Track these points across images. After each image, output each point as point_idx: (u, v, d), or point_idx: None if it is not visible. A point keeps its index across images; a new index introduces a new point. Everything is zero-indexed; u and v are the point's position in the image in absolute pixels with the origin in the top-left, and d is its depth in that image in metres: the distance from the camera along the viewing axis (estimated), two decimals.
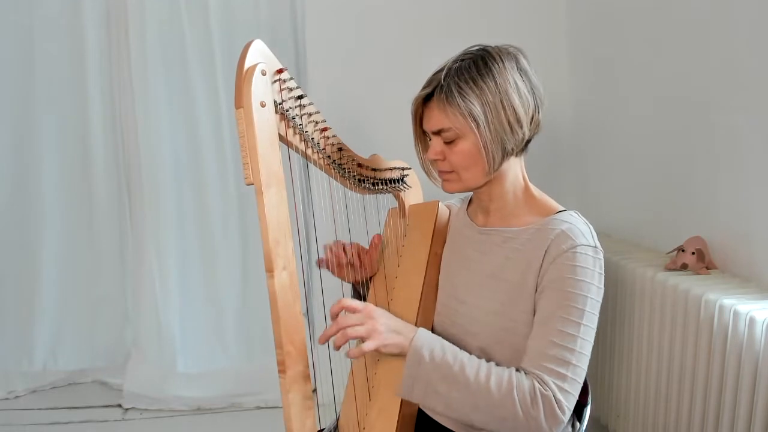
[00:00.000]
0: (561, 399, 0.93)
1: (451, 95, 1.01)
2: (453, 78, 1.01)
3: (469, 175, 1.06)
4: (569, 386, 0.94)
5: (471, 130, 1.01)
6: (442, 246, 1.23)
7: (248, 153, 0.88)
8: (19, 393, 2.57)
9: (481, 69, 1.01)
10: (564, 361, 0.95)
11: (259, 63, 0.90)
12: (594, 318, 0.99)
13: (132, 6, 2.35)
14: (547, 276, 1.00)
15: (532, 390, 0.93)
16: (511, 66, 1.03)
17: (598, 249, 1.02)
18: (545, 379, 0.94)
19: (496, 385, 0.94)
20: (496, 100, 1.00)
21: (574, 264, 0.98)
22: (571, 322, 0.96)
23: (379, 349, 0.97)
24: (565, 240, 1.00)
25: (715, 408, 1.39)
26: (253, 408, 2.42)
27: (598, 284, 1.00)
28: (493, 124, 1.01)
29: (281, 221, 0.91)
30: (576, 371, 0.95)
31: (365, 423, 1.06)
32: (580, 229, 1.02)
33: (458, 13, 2.24)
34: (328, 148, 1.10)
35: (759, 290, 1.42)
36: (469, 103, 1.00)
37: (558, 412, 0.92)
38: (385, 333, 0.96)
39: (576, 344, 0.96)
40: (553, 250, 1.00)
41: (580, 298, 0.97)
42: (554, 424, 0.93)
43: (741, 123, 1.50)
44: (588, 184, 2.25)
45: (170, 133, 2.44)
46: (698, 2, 1.62)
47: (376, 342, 0.95)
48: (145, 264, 2.50)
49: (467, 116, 1.00)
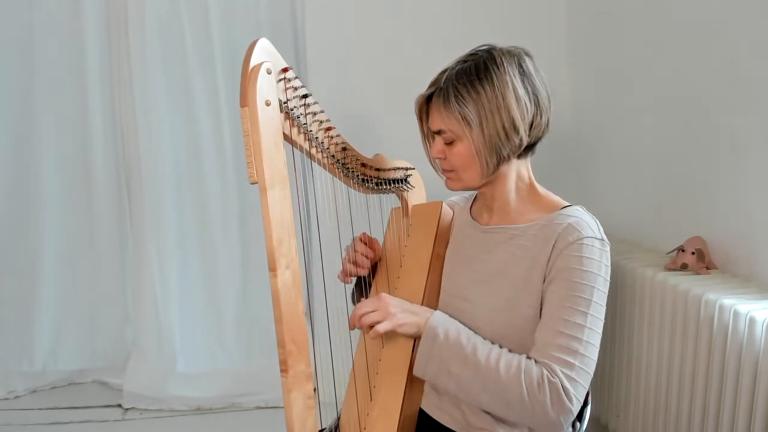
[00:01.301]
0: (568, 387, 0.93)
1: (447, 98, 1.02)
2: (452, 81, 1.02)
3: (467, 175, 1.08)
4: (577, 375, 0.94)
5: (465, 134, 1.02)
6: (444, 246, 1.23)
7: (252, 152, 0.88)
8: (19, 393, 2.56)
9: (481, 73, 1.01)
10: (571, 350, 0.95)
11: (264, 62, 0.89)
12: (601, 309, 0.99)
13: (132, 6, 2.35)
14: (554, 268, 1.00)
15: (540, 377, 0.94)
16: (513, 70, 1.02)
17: (604, 242, 1.03)
18: (553, 368, 0.94)
19: (505, 367, 0.96)
20: (492, 105, 1.00)
21: (580, 255, 0.99)
22: (578, 311, 0.97)
23: (395, 329, 1.02)
24: (572, 232, 1.01)
25: (715, 408, 1.40)
26: (253, 408, 2.42)
27: (605, 276, 1.01)
28: (488, 129, 1.01)
29: (285, 220, 0.91)
30: (584, 361, 0.95)
31: (366, 423, 1.06)
32: (586, 221, 1.03)
33: (458, 13, 2.24)
34: (332, 147, 1.10)
35: (759, 290, 1.42)
36: (464, 107, 1.01)
37: (565, 399, 0.93)
38: (398, 314, 1.02)
39: (583, 334, 0.96)
40: (560, 243, 1.01)
41: (586, 289, 0.98)
42: (561, 411, 0.93)
43: (741, 123, 1.50)
44: (588, 184, 2.25)
45: (170, 132, 2.44)
46: (698, 2, 1.62)
47: (391, 323, 1.01)
48: (145, 264, 2.50)
49: (461, 120, 1.01)
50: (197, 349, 2.53)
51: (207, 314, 2.54)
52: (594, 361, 0.97)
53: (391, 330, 1.02)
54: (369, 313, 1.02)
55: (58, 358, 2.62)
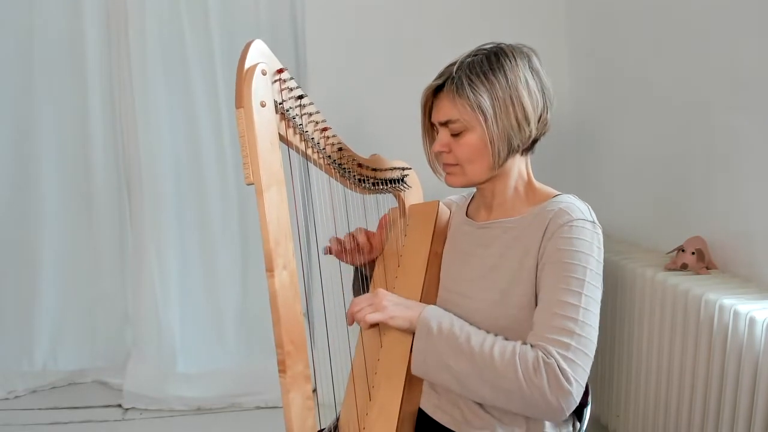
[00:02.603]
0: (566, 368, 0.90)
1: (461, 87, 1.02)
2: (465, 71, 1.03)
3: (473, 168, 1.07)
4: (574, 355, 0.91)
5: (479, 123, 1.02)
6: (442, 245, 1.23)
7: (248, 153, 0.88)
8: (19, 393, 2.57)
9: (494, 64, 1.03)
10: (566, 330, 0.93)
11: (259, 63, 0.89)
12: (596, 290, 0.97)
13: (132, 6, 2.35)
14: (546, 252, 1.00)
15: (536, 360, 0.92)
16: (524, 64, 1.04)
17: (596, 224, 1.02)
18: (548, 349, 0.92)
19: (499, 353, 0.94)
20: (506, 95, 1.01)
21: (570, 236, 0.98)
22: (571, 292, 0.95)
23: (387, 321, 1.03)
24: (561, 216, 1.01)
25: (715, 408, 1.39)
26: (253, 408, 2.42)
27: (597, 257, 0.99)
28: (501, 119, 1.02)
29: (281, 221, 0.91)
30: (581, 341, 0.93)
31: (365, 423, 1.06)
32: (577, 206, 1.03)
33: (458, 14, 2.24)
34: (328, 148, 1.10)
35: (759, 290, 1.42)
36: (478, 95, 1.01)
37: (563, 381, 0.90)
38: (390, 306, 1.04)
39: (578, 314, 0.94)
40: (551, 227, 1.01)
41: (579, 269, 0.97)
42: (560, 394, 0.90)
43: (741, 123, 1.50)
44: (588, 184, 2.25)
45: (170, 133, 2.44)
46: (698, 2, 1.62)
47: (383, 314, 1.03)
48: (145, 264, 2.50)
49: (476, 109, 1.01)
50: (197, 349, 2.53)
51: (207, 314, 2.54)
52: (593, 342, 0.94)
53: (383, 321, 1.03)
54: (363, 308, 1.05)
55: (58, 358, 2.62)
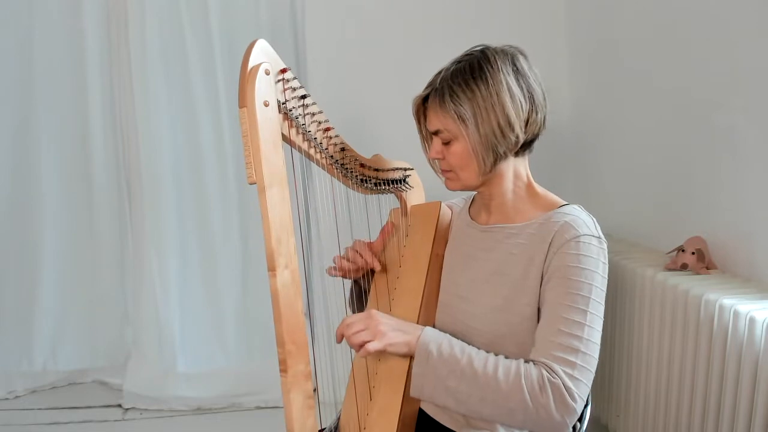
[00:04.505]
0: (571, 387, 0.91)
1: (443, 98, 1.03)
2: (447, 81, 1.03)
3: (465, 174, 1.08)
4: (579, 374, 0.93)
5: (461, 133, 1.03)
6: (443, 247, 1.23)
7: (251, 152, 0.88)
8: (19, 393, 2.57)
9: (475, 72, 1.02)
10: (572, 348, 0.94)
11: (262, 62, 0.89)
12: (600, 307, 0.98)
13: (132, 6, 2.35)
14: (551, 266, 1.00)
15: (541, 378, 0.92)
16: (506, 68, 1.03)
17: (602, 240, 1.03)
18: (554, 368, 0.93)
19: (503, 375, 0.94)
20: (487, 103, 1.01)
21: (578, 253, 0.99)
22: (577, 309, 0.96)
23: (386, 348, 0.98)
24: (568, 230, 1.01)
25: (715, 408, 1.40)
26: (253, 408, 2.42)
27: (602, 274, 1.00)
28: (483, 126, 1.01)
29: (283, 220, 0.91)
30: (585, 359, 0.94)
31: (366, 422, 1.06)
32: (583, 220, 1.03)
33: (458, 14, 2.24)
34: (330, 148, 1.10)
35: (759, 290, 1.42)
36: (459, 106, 1.01)
37: (569, 399, 0.91)
38: (389, 332, 0.99)
39: (583, 332, 0.95)
40: (557, 241, 1.01)
41: (584, 286, 0.97)
42: (565, 412, 0.91)
43: (741, 123, 1.50)
44: (588, 184, 2.25)
45: (170, 132, 2.44)
46: (698, 3, 1.62)
47: (382, 342, 0.98)
48: (145, 264, 2.50)
49: (457, 119, 1.02)
50: (197, 349, 2.53)
51: (207, 314, 2.54)
52: (595, 359, 0.96)
53: (382, 350, 0.98)
54: (359, 332, 0.99)
55: (58, 358, 2.62)
